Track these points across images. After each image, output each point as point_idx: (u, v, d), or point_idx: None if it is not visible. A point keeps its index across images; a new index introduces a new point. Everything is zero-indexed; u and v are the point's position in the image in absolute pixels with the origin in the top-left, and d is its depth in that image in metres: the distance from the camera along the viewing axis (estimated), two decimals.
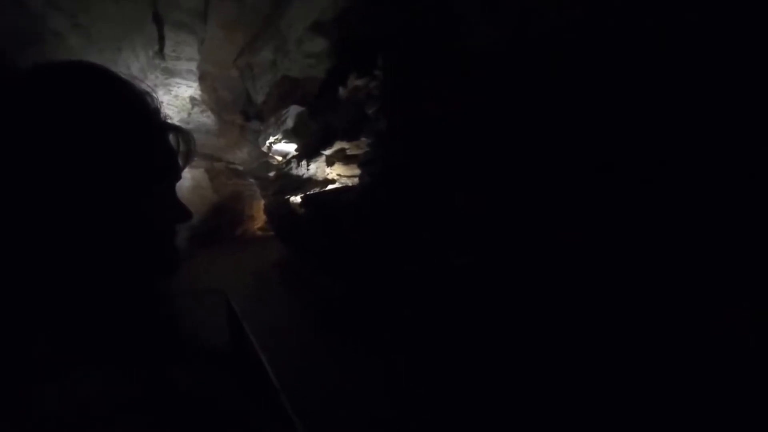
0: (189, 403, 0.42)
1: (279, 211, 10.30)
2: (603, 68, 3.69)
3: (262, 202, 14.16)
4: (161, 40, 10.53)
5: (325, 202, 7.78)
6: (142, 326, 0.48)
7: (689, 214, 3.24)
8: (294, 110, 9.76)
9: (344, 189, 7.93)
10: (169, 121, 0.54)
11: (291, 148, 10.32)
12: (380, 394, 4.12)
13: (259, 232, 16.97)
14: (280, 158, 11.16)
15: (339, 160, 8.33)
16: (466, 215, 4.76)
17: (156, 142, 0.51)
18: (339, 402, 4.00)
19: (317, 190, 8.66)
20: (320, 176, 8.93)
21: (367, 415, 3.77)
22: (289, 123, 9.82)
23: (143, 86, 0.52)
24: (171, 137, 0.54)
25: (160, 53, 10.82)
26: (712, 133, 3.10)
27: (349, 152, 8.15)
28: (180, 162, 0.55)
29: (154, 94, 0.52)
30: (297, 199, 9.04)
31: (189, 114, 12.94)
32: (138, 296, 0.49)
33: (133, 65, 10.10)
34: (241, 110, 12.59)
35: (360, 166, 7.38)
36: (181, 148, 0.55)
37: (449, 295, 4.80)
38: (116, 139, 0.45)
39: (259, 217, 16.82)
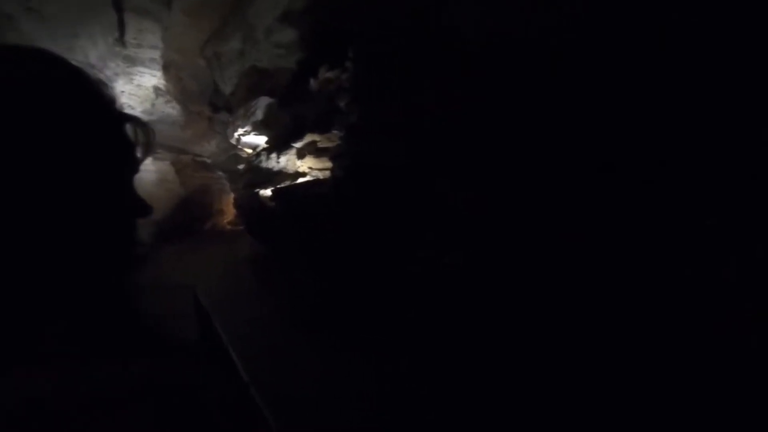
0: (152, 396, 0.41)
1: (249, 204, 10.12)
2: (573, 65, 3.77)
3: (232, 195, 13.85)
4: (122, 26, 10.07)
5: (297, 196, 7.69)
6: (100, 320, 0.47)
7: (676, 209, 3.36)
8: (264, 102, 9.57)
9: (316, 182, 7.86)
10: (126, 111, 0.52)
11: (261, 140, 10.13)
12: (351, 389, 4.14)
13: (229, 227, 16.59)
14: (249, 151, 10.93)
15: (310, 153, 8.24)
16: (442, 211, 4.80)
17: (112, 133, 0.49)
18: (310, 396, 4.00)
19: (288, 183, 8.54)
20: (291, 169, 8.81)
21: (337, 409, 3.78)
22: (259, 115, 9.62)
23: (98, 75, 0.50)
24: (128, 128, 0.52)
25: (121, 40, 10.35)
26: (712, 132, 3.19)
27: (320, 145, 8.07)
28: (138, 154, 0.53)
29: (109, 84, 0.51)
30: (267, 192, 8.90)
31: (153, 104, 12.47)
32: (96, 290, 0.48)
33: (91, 53, 9.63)
34: (209, 101, 12.23)
35: (332, 159, 7.33)
36: (140, 139, 0.53)
37: (419, 290, 4.85)
38: (68, 129, 0.44)
39: (228, 211, 16.44)
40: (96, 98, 0.48)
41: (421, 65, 5.38)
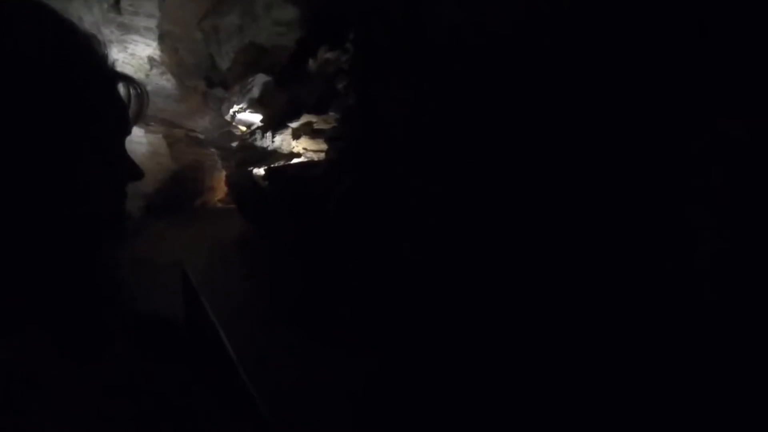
0: (126, 375, 0.39)
1: (241, 183, 10.03)
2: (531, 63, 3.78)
3: (224, 173, 13.71)
4: None
5: (290, 177, 7.63)
6: (79, 291, 0.44)
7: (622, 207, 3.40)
8: (260, 79, 9.41)
9: (310, 164, 7.80)
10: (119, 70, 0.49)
11: (256, 118, 9.99)
12: (341, 375, 4.18)
13: (220, 204, 16.47)
14: (244, 128, 10.78)
15: (306, 134, 8.16)
16: (428, 204, 4.80)
17: (103, 90, 0.46)
18: (299, 377, 4.03)
19: (282, 163, 8.47)
20: (285, 149, 8.72)
21: (327, 393, 3.82)
22: (255, 92, 9.46)
23: (92, 31, 0.47)
24: (121, 88, 0.49)
25: (116, 6, 10.06)
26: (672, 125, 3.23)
27: (316, 126, 8.00)
28: (131, 115, 0.50)
29: (101, 39, 0.47)
30: (261, 171, 8.82)
31: (147, 75, 12.19)
32: (81, 258, 0.45)
33: (85, 17, 9.34)
34: (205, 76, 11.99)
35: (327, 141, 7.26)
36: (133, 100, 0.50)
37: (412, 283, 4.87)
38: (58, 82, 0.40)
39: (219, 189, 16.29)
40: (86, 52, 0.45)
41: (394, 61, 5.34)
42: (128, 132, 0.50)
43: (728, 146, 3.03)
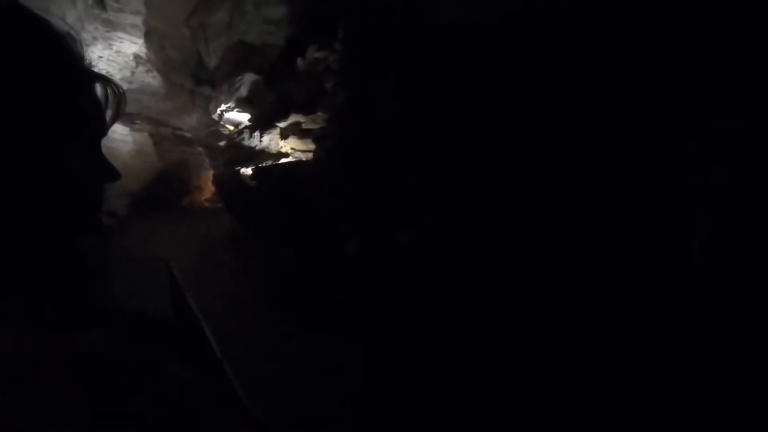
0: (104, 369, 0.39)
1: (229, 182, 9.95)
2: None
3: (211, 172, 13.58)
4: None
5: (278, 176, 7.61)
6: (60, 288, 0.45)
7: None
8: (249, 78, 9.35)
9: (298, 163, 7.78)
10: (95, 70, 0.48)
11: (244, 117, 9.92)
12: (325, 367, 4.18)
13: (207, 204, 16.31)
14: (231, 127, 10.70)
15: (294, 134, 8.14)
16: (418, 194, 4.82)
17: (78, 90, 0.45)
18: (283, 372, 4.03)
19: (270, 163, 8.43)
20: (273, 149, 8.69)
21: (310, 387, 3.82)
22: (243, 91, 9.40)
23: (66, 28, 0.46)
24: (98, 88, 0.48)
25: (101, 3, 9.92)
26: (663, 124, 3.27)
27: (304, 126, 7.98)
28: (107, 116, 0.50)
29: (77, 37, 0.46)
30: (248, 170, 8.76)
31: (132, 73, 12.04)
32: (58, 258, 0.45)
33: (69, 13, 9.19)
34: (192, 73, 11.88)
35: (315, 140, 7.26)
36: (110, 100, 0.50)
37: (398, 272, 4.90)
38: (27, 80, 0.40)
39: (206, 188, 16.14)
40: (61, 49, 0.44)
41: (391, 60, 5.36)
42: (104, 132, 0.50)
43: (727, 145, 3.07)
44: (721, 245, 3.06)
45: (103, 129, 0.49)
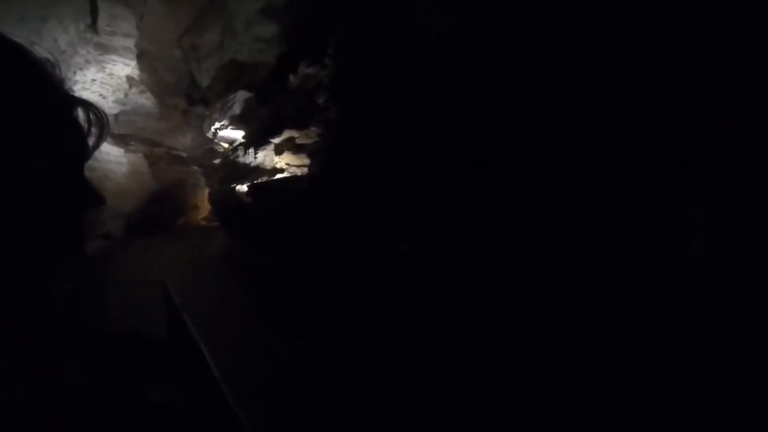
0: (86, 396, 0.39)
1: (224, 200, 9.95)
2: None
3: (207, 190, 13.59)
4: (94, 12, 9.74)
5: (274, 192, 7.61)
6: (42, 317, 0.44)
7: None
8: (242, 96, 9.42)
9: (293, 178, 7.80)
10: (76, 95, 0.49)
11: (238, 135, 9.97)
12: (322, 384, 4.15)
13: (203, 223, 16.27)
14: (226, 145, 10.74)
15: (288, 149, 8.17)
16: (418, 194, 4.81)
17: (58, 116, 0.46)
18: (280, 390, 3.98)
19: (265, 179, 8.45)
20: (268, 165, 8.71)
21: (308, 404, 3.78)
22: (237, 109, 9.46)
23: (45, 54, 0.46)
24: (80, 113, 0.49)
25: (93, 27, 10.01)
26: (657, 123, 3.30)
27: (298, 141, 8.02)
28: (90, 140, 0.50)
29: (56, 63, 0.47)
30: (244, 188, 8.77)
31: (126, 94, 12.11)
32: (41, 285, 0.45)
33: (60, 38, 9.28)
34: (185, 93, 11.95)
35: (309, 155, 7.29)
36: (93, 124, 0.50)
37: (395, 283, 4.88)
38: (6, 110, 0.40)
39: (203, 207, 16.12)
40: (39, 77, 0.44)
41: (391, 61, 5.40)
42: (87, 157, 0.50)
43: (727, 145, 3.09)
44: (720, 245, 3.06)
45: (85, 153, 0.49)
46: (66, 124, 0.47)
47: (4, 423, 0.31)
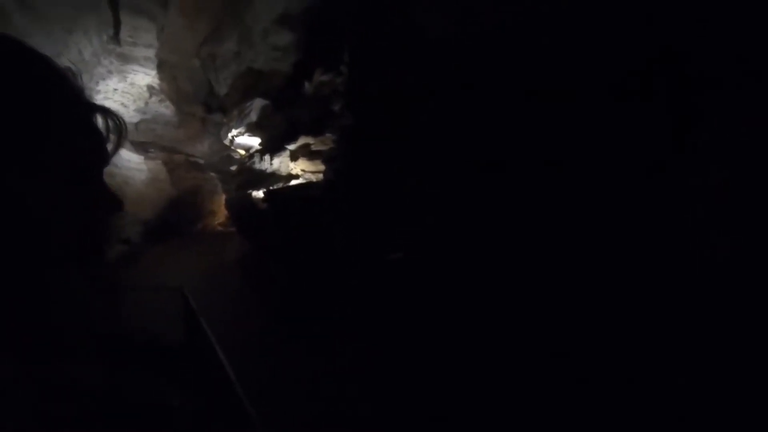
0: (99, 401, 0.39)
1: (241, 205, 10.07)
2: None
3: (223, 196, 13.78)
4: (117, 24, 10.02)
5: (289, 198, 7.68)
6: (62, 321, 0.45)
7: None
8: (258, 103, 9.56)
9: (309, 184, 7.86)
10: (95, 102, 0.50)
11: (254, 141, 10.11)
12: (336, 387, 4.14)
13: (220, 228, 16.49)
14: (242, 152, 10.90)
15: (303, 156, 8.24)
16: (418, 194, 4.80)
17: (78, 123, 0.47)
18: (296, 395, 3.99)
19: (281, 185, 8.53)
20: (284, 171, 8.80)
21: (323, 408, 3.78)
22: (253, 116, 9.60)
23: (67, 63, 0.48)
24: (99, 119, 0.50)
25: (116, 38, 10.30)
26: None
27: (313, 147, 8.08)
28: (109, 146, 0.51)
29: (77, 72, 0.50)
30: (260, 193, 8.87)
31: (146, 103, 12.40)
32: (60, 289, 0.45)
33: (85, 49, 9.56)
34: (203, 102, 12.19)
35: (325, 162, 7.34)
36: (111, 131, 0.51)
37: (397, 284, 4.87)
38: (30, 115, 0.42)
39: (220, 213, 16.35)
40: (61, 85, 0.46)
41: (404, 67, 5.42)
42: (106, 162, 0.51)
43: (727, 145, 3.04)
44: (721, 245, 3.01)
45: (104, 158, 0.51)
46: (85, 130, 0.48)
47: (5, 425, 0.32)
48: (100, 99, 10.92)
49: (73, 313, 0.48)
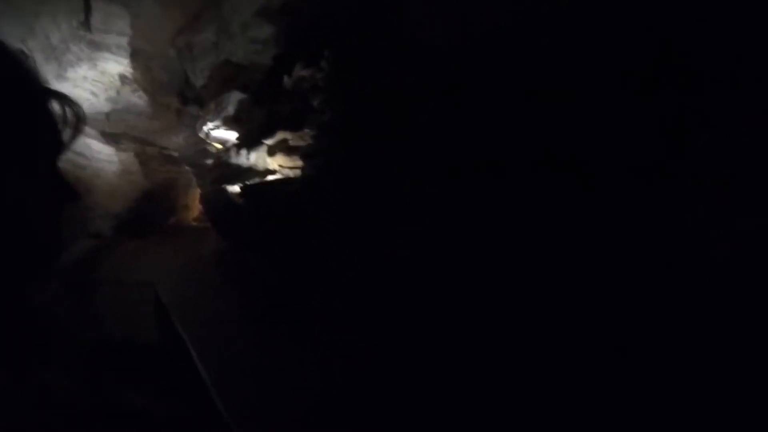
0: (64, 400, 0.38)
1: (216, 200, 9.88)
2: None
3: (198, 191, 13.49)
4: (88, 9, 9.63)
5: (267, 193, 7.58)
6: (12, 323, 0.42)
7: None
8: (236, 96, 9.37)
9: (286, 180, 7.77)
10: (50, 87, 0.47)
11: (231, 136, 9.91)
12: (315, 388, 4.11)
13: (195, 223, 16.16)
14: (219, 146, 10.68)
15: (281, 151, 8.14)
16: (417, 194, 4.81)
17: (28, 107, 0.44)
18: (272, 396, 3.94)
19: (258, 180, 8.40)
20: (261, 166, 8.67)
21: (300, 410, 3.75)
22: (230, 110, 9.41)
23: (18, 45, 0.47)
24: (55, 105, 0.47)
25: (86, 24, 9.90)
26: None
27: (291, 143, 7.99)
28: (65, 134, 0.48)
29: (29, 54, 0.47)
30: (236, 188, 8.72)
31: (118, 93, 11.98)
32: (8, 287, 0.43)
33: (53, 35, 9.17)
34: (178, 93, 11.86)
35: (303, 158, 7.27)
36: (68, 118, 0.48)
37: (387, 287, 4.87)
38: None
39: (194, 207, 16.01)
40: (9, 67, 0.43)
41: (388, 64, 5.41)
42: (60, 151, 0.49)
43: (727, 145, 3.10)
44: (721, 245, 3.07)
45: (59, 147, 0.48)
46: (38, 117, 0.45)
47: None
48: (68, 87, 10.49)
49: (49, 312, 0.47)
